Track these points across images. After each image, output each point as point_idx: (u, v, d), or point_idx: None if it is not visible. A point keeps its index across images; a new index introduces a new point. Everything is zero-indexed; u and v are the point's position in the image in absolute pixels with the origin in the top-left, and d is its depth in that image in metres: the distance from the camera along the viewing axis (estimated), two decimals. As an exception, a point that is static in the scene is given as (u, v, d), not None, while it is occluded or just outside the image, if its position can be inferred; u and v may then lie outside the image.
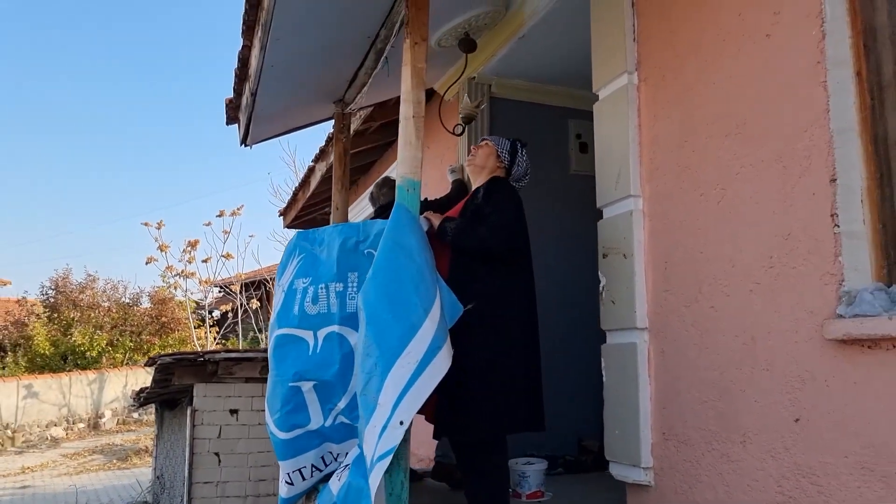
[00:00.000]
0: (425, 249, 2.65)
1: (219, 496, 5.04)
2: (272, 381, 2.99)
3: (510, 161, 3.14)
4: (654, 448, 2.77)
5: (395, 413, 2.33)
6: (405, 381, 2.35)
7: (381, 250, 2.63)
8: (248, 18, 3.45)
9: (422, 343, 2.40)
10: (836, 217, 2.09)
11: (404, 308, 2.45)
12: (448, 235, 2.86)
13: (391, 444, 2.31)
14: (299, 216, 9.06)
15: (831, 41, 2.14)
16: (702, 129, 2.63)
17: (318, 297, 2.92)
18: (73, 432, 18.83)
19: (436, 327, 2.46)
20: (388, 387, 2.35)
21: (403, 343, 2.39)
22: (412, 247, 2.61)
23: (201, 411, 5.09)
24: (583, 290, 4.17)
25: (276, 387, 2.96)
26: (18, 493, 11.47)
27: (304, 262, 3.04)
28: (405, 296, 2.48)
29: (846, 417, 2.03)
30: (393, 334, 2.41)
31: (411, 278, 2.53)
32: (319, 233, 3.11)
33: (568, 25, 3.92)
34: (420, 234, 2.69)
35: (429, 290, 2.55)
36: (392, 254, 2.59)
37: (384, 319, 2.45)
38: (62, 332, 21.69)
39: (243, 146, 4.73)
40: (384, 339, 2.42)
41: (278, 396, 2.93)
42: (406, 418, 2.34)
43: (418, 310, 2.45)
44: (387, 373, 2.36)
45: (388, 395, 2.35)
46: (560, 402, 4.04)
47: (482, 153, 3.15)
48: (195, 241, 16.27)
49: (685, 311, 2.66)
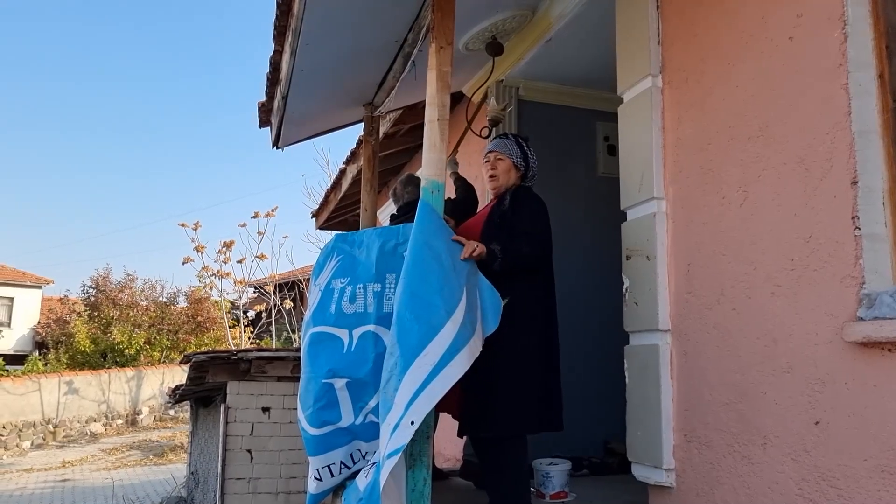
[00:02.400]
0: (452, 252, 2.70)
1: (251, 492, 5.13)
2: (305, 377, 3.04)
3: (525, 165, 3.16)
4: (676, 450, 2.78)
5: (408, 412, 2.36)
6: (420, 382, 2.39)
7: (410, 251, 2.67)
8: (278, 24, 3.53)
9: (440, 345, 2.44)
10: (858, 219, 2.09)
11: (426, 309, 2.49)
12: (498, 259, 2.81)
13: (401, 442, 2.33)
14: (331, 217, 9.17)
15: (853, 43, 2.14)
16: (724, 132, 2.63)
17: (355, 297, 2.97)
18: (111, 428, 19.27)
19: (457, 330, 2.49)
20: (404, 386, 2.39)
21: (423, 344, 2.42)
22: (440, 249, 2.65)
23: (234, 409, 5.19)
24: (610, 292, 4.18)
25: (309, 383, 3.02)
26: (59, 486, 11.78)
27: (343, 264, 3.09)
28: (428, 297, 2.52)
29: (866, 420, 2.02)
30: (413, 334, 2.45)
31: (437, 279, 2.57)
32: (358, 235, 3.17)
33: (594, 28, 3.94)
34: (447, 235, 2.74)
35: (454, 292, 2.59)
36: (420, 254, 2.62)
37: (406, 319, 2.49)
38: (102, 330, 22.21)
39: (275, 148, 4.83)
40: (405, 339, 2.46)
41: (311, 393, 2.99)
42: (417, 418, 2.36)
43: (440, 311, 2.49)
44: (405, 372, 2.40)
45: (404, 394, 2.39)
46: (586, 404, 4.06)
47: (502, 171, 3.13)
48: (230, 242, 16.53)
49: (707, 313, 2.67)
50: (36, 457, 15.78)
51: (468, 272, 2.70)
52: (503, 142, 3.21)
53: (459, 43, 4.17)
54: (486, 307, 2.68)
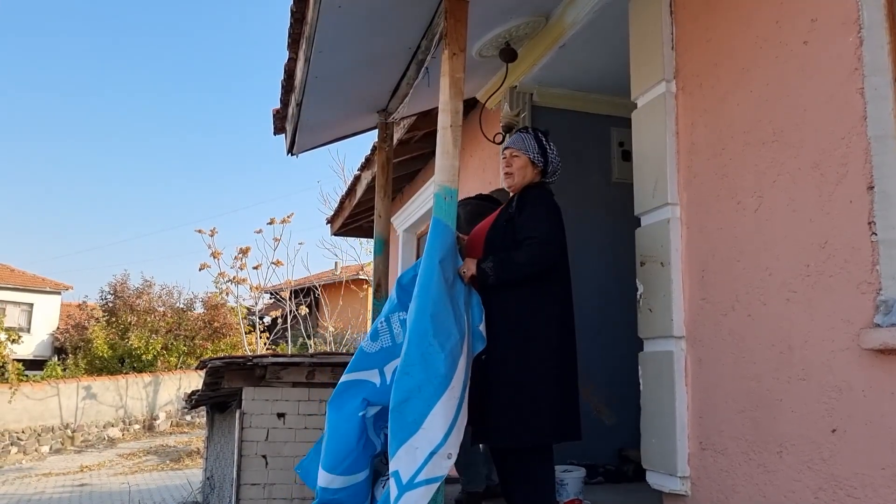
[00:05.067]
0: (457, 275, 2.73)
1: (266, 498, 5.13)
2: (328, 430, 2.86)
3: (544, 160, 3.01)
4: (691, 457, 2.76)
5: (446, 444, 2.40)
6: (452, 415, 2.42)
7: (424, 269, 2.64)
8: (292, 32, 3.56)
9: (459, 379, 2.49)
10: (874, 225, 2.06)
11: (448, 338, 2.51)
12: (490, 277, 2.75)
13: (439, 472, 2.39)
14: (346, 224, 9.19)
15: (869, 48, 2.12)
16: (739, 137, 2.62)
17: (377, 333, 2.87)
18: (129, 433, 19.41)
19: (467, 364, 2.55)
20: (436, 415, 2.40)
21: (450, 375, 2.45)
22: (450, 272, 2.67)
23: (249, 414, 5.20)
24: (625, 299, 4.16)
25: (333, 436, 2.84)
26: (77, 490, 11.88)
27: None
28: (448, 325, 2.53)
29: (883, 428, 2.00)
30: (440, 362, 2.46)
31: (451, 305, 2.59)
32: None
33: (608, 34, 3.93)
34: (455, 257, 2.74)
35: (462, 318, 2.62)
36: (434, 275, 2.60)
37: (432, 344, 2.48)
38: (119, 336, 22.39)
39: (290, 155, 4.87)
40: (433, 366, 2.46)
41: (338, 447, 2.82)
42: (454, 451, 2.41)
43: (458, 341, 2.52)
44: (436, 399, 2.41)
45: (437, 423, 2.40)
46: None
47: (518, 167, 2.99)
48: (247, 249, 16.59)
49: (722, 320, 2.65)
50: (54, 461, 15.93)
51: (465, 293, 2.74)
52: (520, 136, 3.06)
53: (473, 49, 4.18)
54: (475, 326, 2.71)
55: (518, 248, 2.79)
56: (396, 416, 2.46)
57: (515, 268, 2.76)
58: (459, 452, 3.22)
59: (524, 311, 2.78)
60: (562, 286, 2.90)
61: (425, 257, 2.66)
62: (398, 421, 2.45)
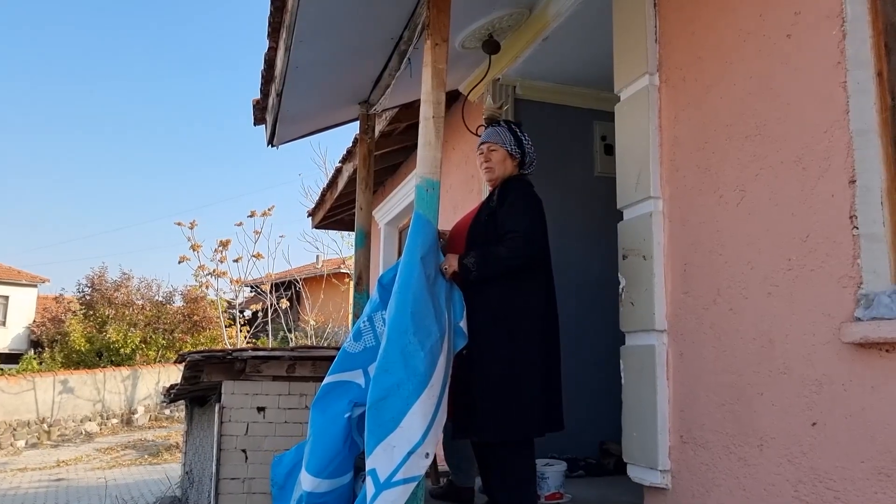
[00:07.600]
0: (438, 271, 2.70)
1: (245, 492, 5.09)
2: (312, 434, 2.80)
3: (521, 152, 3.02)
4: (672, 451, 2.76)
5: (424, 443, 2.38)
6: (431, 413, 2.40)
7: (405, 264, 2.60)
8: (273, 21, 3.50)
9: (438, 378, 2.46)
10: (856, 219, 2.07)
11: (428, 336, 2.47)
12: (472, 272, 2.73)
13: (416, 472, 2.36)
14: (327, 217, 9.14)
15: (852, 41, 2.12)
16: (721, 131, 2.61)
17: (360, 333, 2.82)
18: (106, 427, 19.23)
19: (447, 362, 2.52)
20: (415, 414, 2.38)
21: (429, 373, 2.42)
22: (431, 269, 2.63)
23: (229, 408, 5.15)
24: (607, 292, 4.16)
25: (318, 439, 2.78)
26: (53, 485, 11.74)
27: None
28: (427, 323, 2.50)
29: (863, 422, 2.00)
30: (420, 361, 2.43)
31: (431, 303, 2.56)
32: None
33: (592, 27, 3.92)
34: (437, 253, 2.71)
35: (442, 316, 2.59)
36: (415, 272, 2.57)
37: (412, 343, 2.45)
38: (97, 329, 22.16)
39: (270, 146, 4.80)
40: (412, 364, 2.43)
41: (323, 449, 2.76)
42: (432, 451, 2.40)
43: (438, 340, 2.49)
44: (415, 398, 2.39)
45: (415, 422, 2.37)
46: (582, 405, 4.04)
47: (497, 161, 3.00)
48: (227, 241, 16.48)
49: (704, 314, 2.65)
50: (30, 456, 15.73)
51: (447, 289, 2.71)
52: (494, 131, 3.06)
53: (456, 41, 4.15)
54: (457, 323, 2.68)
55: (500, 241, 2.78)
56: (374, 414, 2.43)
57: (497, 262, 2.74)
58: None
59: (507, 305, 2.77)
60: (544, 279, 2.89)
61: (406, 253, 2.62)
62: (376, 418, 2.42)
